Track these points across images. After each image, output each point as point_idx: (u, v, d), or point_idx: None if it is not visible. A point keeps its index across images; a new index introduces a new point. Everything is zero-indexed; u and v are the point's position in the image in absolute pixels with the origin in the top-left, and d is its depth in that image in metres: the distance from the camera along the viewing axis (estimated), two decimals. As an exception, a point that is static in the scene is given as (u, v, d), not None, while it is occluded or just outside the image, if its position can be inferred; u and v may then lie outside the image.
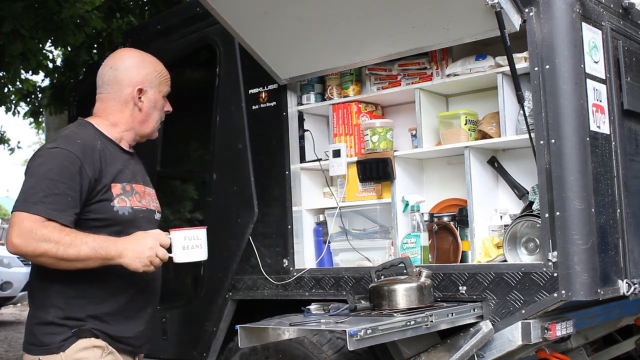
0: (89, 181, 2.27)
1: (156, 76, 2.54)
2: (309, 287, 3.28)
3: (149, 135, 2.56)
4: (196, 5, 3.64)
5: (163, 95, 2.57)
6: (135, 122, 2.50)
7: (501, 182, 3.12)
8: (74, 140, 2.32)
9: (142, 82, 2.49)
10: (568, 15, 2.65)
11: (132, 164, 2.50)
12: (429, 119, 3.16)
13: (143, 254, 2.22)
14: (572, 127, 2.59)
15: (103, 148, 2.37)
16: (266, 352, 3.20)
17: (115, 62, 2.52)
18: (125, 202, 2.36)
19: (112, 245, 2.21)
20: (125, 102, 2.48)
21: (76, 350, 2.26)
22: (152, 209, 2.50)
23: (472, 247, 2.95)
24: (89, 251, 2.17)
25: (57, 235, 2.15)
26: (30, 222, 2.15)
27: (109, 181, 2.33)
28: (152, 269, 2.26)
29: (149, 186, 2.55)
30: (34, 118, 9.71)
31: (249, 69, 3.55)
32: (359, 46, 3.09)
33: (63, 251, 2.14)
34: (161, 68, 2.58)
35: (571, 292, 2.52)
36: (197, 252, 2.32)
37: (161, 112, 2.58)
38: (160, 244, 2.26)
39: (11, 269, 11.79)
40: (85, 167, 2.26)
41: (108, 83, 2.49)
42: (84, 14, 7.50)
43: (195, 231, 2.33)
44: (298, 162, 3.44)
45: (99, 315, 2.30)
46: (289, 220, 3.41)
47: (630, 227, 2.86)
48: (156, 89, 2.53)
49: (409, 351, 2.83)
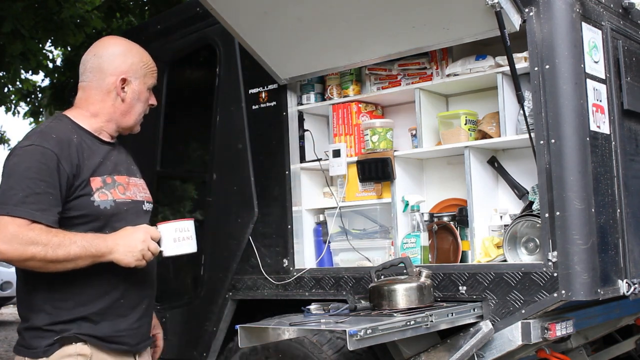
0: (67, 177, 2.18)
1: (142, 67, 2.43)
2: (309, 287, 3.28)
3: (130, 128, 2.45)
4: (196, 5, 3.63)
5: (148, 88, 2.46)
6: (116, 112, 2.39)
7: (501, 182, 3.12)
8: (49, 135, 2.22)
9: (126, 71, 2.38)
10: (568, 15, 2.65)
11: (114, 155, 2.40)
12: (429, 119, 3.16)
13: (135, 248, 2.17)
14: (572, 127, 2.59)
15: (80, 142, 2.27)
16: (266, 352, 3.20)
17: (99, 49, 2.41)
18: (106, 195, 2.26)
19: (102, 242, 2.15)
20: (108, 92, 2.37)
21: (60, 357, 2.19)
22: (139, 199, 2.40)
23: (472, 247, 2.95)
24: (79, 250, 2.11)
25: (45, 237, 2.08)
26: (14, 226, 2.07)
27: (88, 175, 2.24)
28: (143, 264, 2.21)
29: (134, 176, 2.45)
30: (34, 118, 9.72)
31: (249, 69, 3.55)
32: (359, 46, 3.09)
33: (52, 253, 2.08)
34: (147, 59, 2.47)
35: (571, 292, 2.52)
36: (187, 244, 2.29)
37: (145, 105, 2.47)
38: (151, 237, 2.21)
39: (11, 268, 11.79)
40: (63, 163, 2.18)
41: (90, 71, 2.38)
42: (84, 14, 7.52)
43: (185, 223, 2.30)
44: (298, 162, 3.44)
45: (87, 316, 2.23)
46: (289, 220, 3.40)
47: (630, 227, 2.86)
48: (141, 80, 2.42)
49: (409, 351, 2.83)
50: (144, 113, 2.49)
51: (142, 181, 2.50)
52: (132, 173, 2.46)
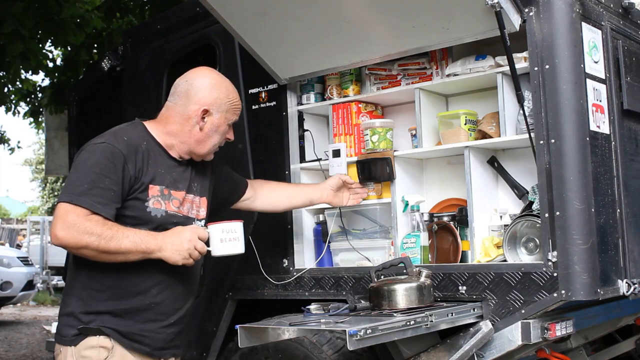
0: (130, 178, 2.33)
1: (226, 102, 2.54)
2: (308, 287, 3.29)
3: (203, 156, 2.57)
4: (196, 5, 3.64)
5: (228, 123, 2.57)
6: (192, 139, 2.51)
7: (501, 182, 3.12)
8: (121, 136, 2.38)
9: (210, 103, 2.50)
10: (568, 15, 2.65)
11: (179, 172, 2.52)
12: (429, 119, 3.16)
13: (182, 246, 2.28)
14: (572, 127, 2.59)
15: (148, 149, 2.42)
16: (266, 352, 3.21)
17: (191, 76, 2.55)
18: (160, 204, 2.40)
19: (152, 239, 2.28)
20: (188, 118, 2.49)
21: (84, 347, 2.33)
22: (191, 216, 2.53)
23: (472, 247, 2.95)
24: (130, 245, 2.24)
25: (100, 228, 2.20)
26: (74, 215, 2.21)
27: (148, 181, 2.38)
28: (191, 262, 2.32)
29: (193, 194, 2.57)
30: (34, 118, 9.71)
31: (249, 69, 3.55)
32: (359, 46, 3.09)
33: (105, 244, 2.20)
34: (234, 96, 2.57)
35: (571, 292, 2.52)
36: (234, 244, 2.38)
37: (222, 138, 2.58)
38: (198, 237, 2.32)
39: (11, 269, 11.80)
40: (128, 164, 2.33)
41: (178, 94, 2.52)
42: (84, 14, 7.52)
43: (232, 224, 2.40)
44: (298, 162, 3.44)
45: (116, 311, 2.35)
46: (288, 220, 3.41)
47: (630, 227, 2.86)
48: (222, 115, 2.53)
49: (409, 351, 2.83)
50: (219, 144, 2.60)
51: (201, 200, 2.61)
52: (192, 191, 2.57)
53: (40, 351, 8.66)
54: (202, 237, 2.35)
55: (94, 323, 2.33)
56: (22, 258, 12.65)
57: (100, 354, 2.33)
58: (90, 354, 2.33)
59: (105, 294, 2.36)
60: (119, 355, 2.35)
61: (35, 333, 10.49)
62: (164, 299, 2.43)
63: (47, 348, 5.59)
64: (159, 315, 2.43)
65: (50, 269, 17.32)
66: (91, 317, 2.34)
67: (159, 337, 2.43)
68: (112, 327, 2.34)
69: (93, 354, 2.32)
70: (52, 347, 5.37)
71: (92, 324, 2.33)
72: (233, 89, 2.59)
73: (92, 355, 2.32)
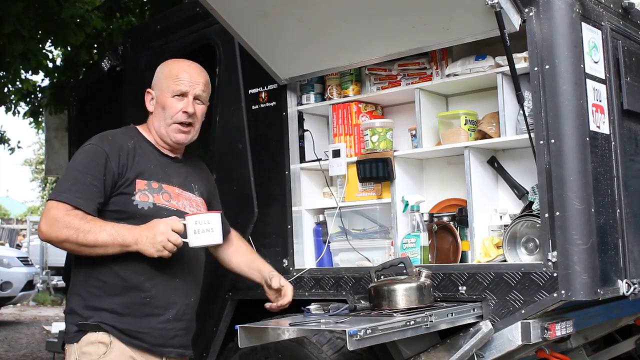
0: (113, 174, 2.39)
1: (164, 77, 2.56)
2: (308, 287, 3.28)
3: (171, 138, 2.56)
4: (196, 5, 3.64)
5: (172, 95, 2.54)
6: (152, 125, 2.60)
7: (501, 182, 3.12)
8: (106, 137, 2.48)
9: (152, 85, 2.59)
10: (568, 15, 2.65)
11: (173, 168, 2.58)
12: (428, 119, 3.16)
13: (155, 239, 2.29)
14: (572, 127, 2.59)
15: (135, 147, 2.49)
16: (266, 352, 3.20)
17: None
18: (147, 197, 2.43)
19: (129, 232, 2.30)
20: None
21: (84, 343, 2.37)
22: (183, 210, 2.52)
23: (472, 247, 2.95)
24: (107, 238, 2.28)
25: (78, 222, 2.27)
26: (56, 210, 2.30)
27: (134, 176, 2.43)
28: (166, 254, 2.32)
29: (189, 191, 2.60)
30: (34, 118, 9.72)
31: (249, 69, 3.55)
32: (359, 46, 3.09)
33: (82, 237, 2.26)
34: (172, 66, 2.59)
35: (571, 292, 2.52)
36: (208, 235, 2.37)
37: (172, 112, 2.54)
38: (173, 229, 2.32)
39: (11, 269, 11.79)
40: (111, 161, 2.39)
41: None
42: (84, 14, 7.50)
43: (206, 215, 2.39)
44: (298, 162, 3.44)
45: (114, 308, 2.38)
46: (288, 220, 3.41)
47: (630, 227, 2.86)
48: (162, 90, 2.55)
49: (408, 351, 2.83)
50: (177, 122, 2.56)
51: (198, 199, 2.64)
52: (188, 188, 2.61)
53: (40, 351, 8.66)
54: (177, 229, 2.33)
55: (93, 319, 2.37)
56: (22, 258, 12.65)
57: (99, 349, 2.35)
58: (89, 350, 2.36)
59: (102, 290, 2.39)
60: (118, 350, 2.37)
61: (35, 333, 10.49)
62: (158, 292, 2.44)
63: (47, 348, 5.59)
64: (155, 309, 2.44)
65: (50, 269, 17.31)
66: (90, 312, 2.38)
67: (157, 334, 2.44)
68: (110, 323, 2.37)
69: (92, 350, 2.36)
70: (52, 347, 5.43)
71: (91, 319, 2.37)
72: (174, 62, 2.62)
73: (91, 351, 2.36)
